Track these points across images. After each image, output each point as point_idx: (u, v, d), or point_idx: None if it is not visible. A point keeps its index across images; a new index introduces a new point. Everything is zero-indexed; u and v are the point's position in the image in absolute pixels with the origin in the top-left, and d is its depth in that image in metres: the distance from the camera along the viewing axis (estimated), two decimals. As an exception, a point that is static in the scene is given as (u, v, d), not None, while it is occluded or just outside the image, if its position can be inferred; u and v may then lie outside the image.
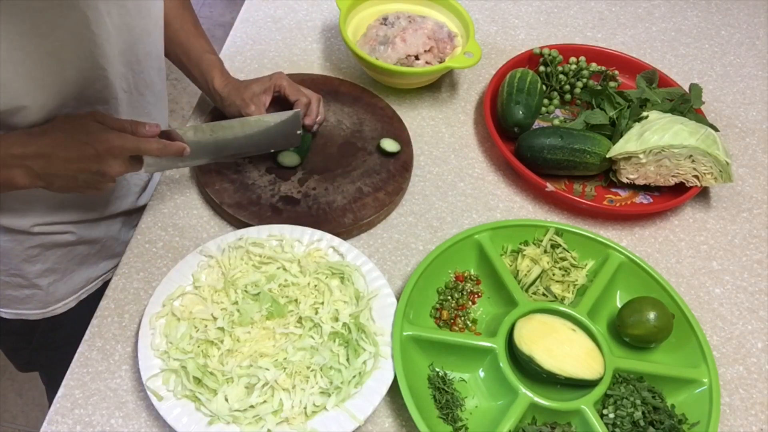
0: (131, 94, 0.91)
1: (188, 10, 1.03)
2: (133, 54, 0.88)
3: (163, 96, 1.01)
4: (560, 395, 0.83)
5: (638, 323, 0.87)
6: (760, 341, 0.95)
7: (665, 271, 1.01)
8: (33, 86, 0.74)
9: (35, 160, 0.75)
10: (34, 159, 0.75)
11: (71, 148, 0.76)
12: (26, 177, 0.76)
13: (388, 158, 1.07)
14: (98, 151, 0.76)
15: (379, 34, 1.19)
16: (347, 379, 0.80)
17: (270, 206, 0.99)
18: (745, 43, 1.42)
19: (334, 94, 1.15)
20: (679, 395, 0.85)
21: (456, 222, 1.04)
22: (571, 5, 1.45)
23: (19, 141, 0.75)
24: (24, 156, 0.75)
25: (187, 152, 0.86)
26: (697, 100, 1.16)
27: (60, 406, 0.81)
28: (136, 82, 0.91)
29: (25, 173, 0.76)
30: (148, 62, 0.92)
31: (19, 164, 0.75)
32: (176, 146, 0.84)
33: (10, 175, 0.76)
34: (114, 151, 0.78)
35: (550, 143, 1.05)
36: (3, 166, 0.75)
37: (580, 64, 1.21)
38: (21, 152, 0.75)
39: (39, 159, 0.75)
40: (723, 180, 1.05)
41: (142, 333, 0.82)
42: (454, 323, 0.91)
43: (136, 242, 0.96)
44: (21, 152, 0.75)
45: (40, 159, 0.75)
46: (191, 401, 0.78)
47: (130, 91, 0.91)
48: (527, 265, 0.94)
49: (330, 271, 0.89)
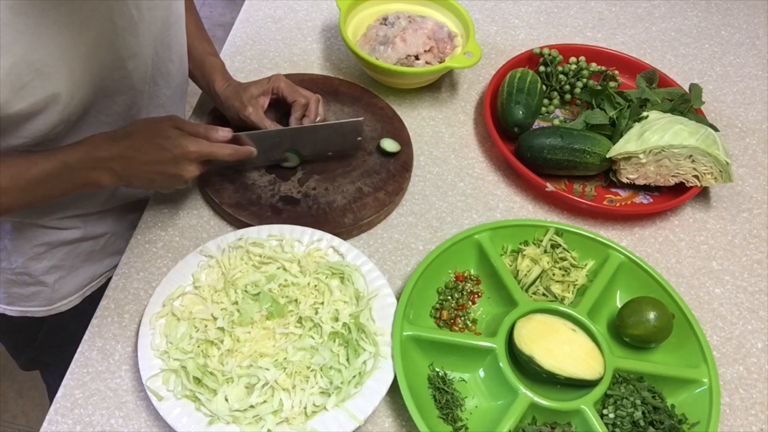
0: (149, 85, 0.93)
1: (191, 12, 1.04)
2: (155, 47, 0.90)
3: (182, 89, 1.03)
4: (560, 395, 0.83)
5: (638, 323, 0.87)
6: (760, 341, 0.95)
7: (665, 271, 1.01)
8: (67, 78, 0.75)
9: (118, 162, 0.81)
10: (117, 161, 0.81)
11: (151, 151, 0.82)
12: (110, 177, 0.82)
13: (388, 158, 1.07)
14: (175, 155, 0.82)
15: (379, 34, 1.19)
16: (347, 379, 0.80)
17: (270, 206, 0.99)
18: (745, 43, 1.42)
19: (334, 94, 1.15)
20: (679, 395, 0.85)
21: (456, 222, 1.04)
22: (571, 5, 1.45)
23: (103, 145, 0.81)
24: (109, 158, 0.81)
25: (254, 155, 0.93)
26: (697, 100, 1.16)
27: (60, 406, 0.81)
28: (154, 74, 0.93)
29: (109, 174, 0.82)
30: (167, 54, 0.93)
31: (104, 166, 0.81)
32: (245, 150, 0.91)
33: (96, 176, 0.81)
34: (190, 156, 0.83)
35: (550, 143, 1.05)
36: (90, 169, 0.81)
37: (580, 64, 1.21)
38: (106, 155, 0.80)
39: (121, 161, 0.81)
40: (723, 180, 1.05)
41: (142, 333, 0.82)
42: (454, 323, 0.91)
43: (136, 242, 0.96)
44: (106, 155, 0.80)
45: (122, 161, 0.81)
46: (191, 401, 0.78)
47: (148, 83, 0.92)
48: (527, 265, 0.94)
49: (330, 271, 0.89)
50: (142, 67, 0.89)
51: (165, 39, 0.91)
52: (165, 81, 0.96)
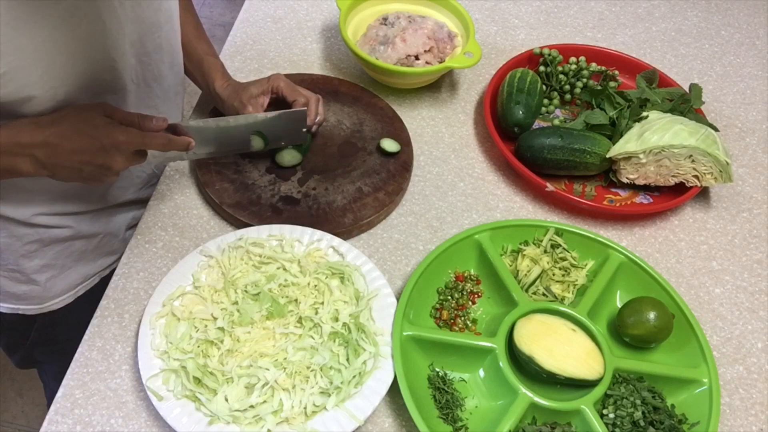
0: (139, 86, 0.92)
1: (190, 13, 1.04)
2: (143, 46, 0.89)
3: (176, 90, 1.02)
4: (560, 395, 0.83)
5: (638, 323, 0.87)
6: (760, 341, 0.95)
7: (665, 271, 1.01)
8: (44, 76, 0.75)
9: (41, 149, 0.76)
10: (40, 148, 0.76)
11: (77, 140, 0.76)
12: (31, 165, 0.77)
13: (388, 158, 1.07)
14: (104, 145, 0.77)
15: (379, 34, 1.19)
16: (347, 379, 0.80)
17: (270, 206, 0.99)
18: (745, 43, 1.42)
19: (334, 94, 1.15)
20: (679, 395, 0.85)
21: (456, 222, 1.04)
22: (571, 5, 1.45)
23: (27, 130, 0.76)
24: (31, 145, 0.76)
25: (192, 146, 0.87)
26: (697, 100, 1.16)
27: (60, 406, 0.81)
28: (144, 74, 0.92)
29: (30, 161, 0.77)
30: (158, 55, 0.93)
31: (25, 153, 0.76)
32: (181, 141, 0.85)
33: (15, 162, 0.76)
34: (119, 146, 0.78)
35: (550, 143, 1.05)
36: (9, 154, 0.76)
37: (580, 64, 1.21)
38: (28, 141, 0.75)
39: (45, 148, 0.76)
40: (723, 180, 1.05)
41: (142, 333, 0.82)
42: (454, 323, 0.91)
43: (136, 242, 0.96)
44: (28, 141, 0.75)
45: (46, 149, 0.76)
46: (191, 401, 0.78)
47: (138, 83, 0.92)
48: (527, 265, 0.94)
49: (330, 271, 0.89)
50: (131, 67, 0.88)
51: (155, 39, 0.91)
52: (157, 82, 0.95)
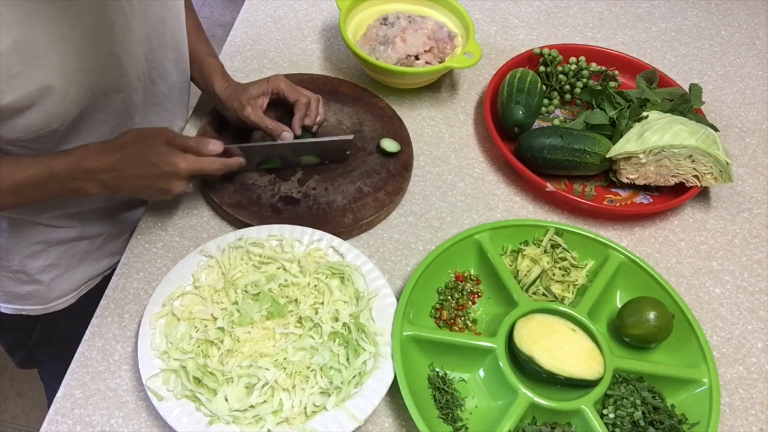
0: (145, 83, 0.93)
1: (190, 13, 1.04)
2: (150, 43, 0.90)
3: (181, 88, 1.03)
4: (560, 395, 0.83)
5: (638, 323, 0.87)
6: (760, 341, 0.95)
7: (665, 271, 1.01)
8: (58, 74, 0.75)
9: (107, 174, 0.81)
10: (107, 173, 0.81)
11: (141, 167, 0.82)
12: (97, 188, 0.82)
13: (388, 158, 1.07)
14: (165, 172, 0.83)
15: (379, 34, 1.19)
16: (347, 379, 0.80)
17: (270, 206, 0.99)
18: (745, 43, 1.42)
19: (334, 94, 1.15)
20: (679, 395, 0.85)
21: (456, 222, 1.04)
22: (571, 5, 1.45)
23: (95, 156, 0.81)
24: (98, 171, 0.81)
25: (243, 166, 0.94)
26: (697, 100, 1.16)
27: (60, 406, 0.81)
28: (150, 71, 0.93)
29: (96, 185, 0.82)
30: (163, 52, 0.93)
31: (93, 178, 0.81)
32: (234, 163, 0.92)
33: (83, 186, 0.82)
34: (179, 174, 0.84)
35: (550, 143, 1.05)
36: (78, 179, 0.81)
37: (580, 64, 1.21)
38: (96, 167, 0.81)
39: (111, 173, 0.81)
40: (723, 180, 1.05)
41: (142, 333, 0.82)
42: (454, 323, 0.91)
43: (136, 242, 0.96)
44: (96, 167, 0.81)
45: (111, 173, 0.82)
46: (191, 401, 0.78)
47: (145, 80, 0.92)
48: (527, 265, 0.94)
49: (330, 271, 0.89)
50: (137, 64, 0.89)
51: (161, 37, 0.91)
52: (162, 79, 0.96)
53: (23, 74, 0.72)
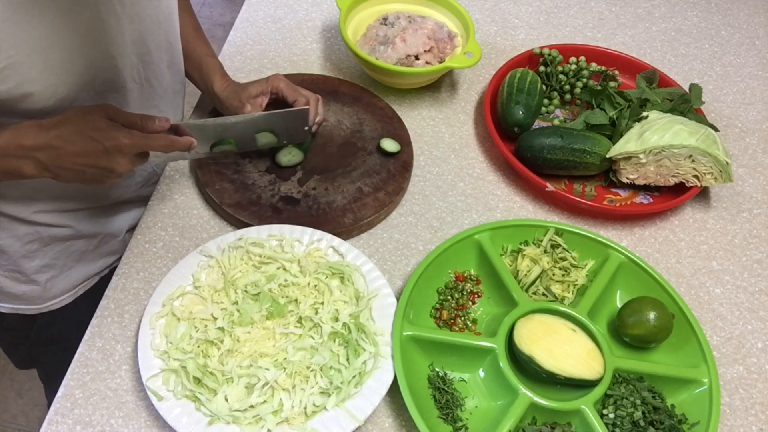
0: (141, 85, 0.93)
1: (188, 14, 1.04)
2: (144, 44, 0.89)
3: (175, 89, 1.02)
4: (560, 395, 0.83)
5: (638, 323, 0.87)
6: (760, 341, 0.95)
7: (665, 271, 1.01)
8: (43, 72, 0.75)
9: (44, 152, 0.76)
10: (43, 151, 0.76)
11: (80, 143, 0.76)
12: (34, 168, 0.77)
13: (388, 158, 1.07)
14: (107, 148, 0.77)
15: (379, 34, 1.19)
16: (347, 379, 0.80)
17: (270, 206, 0.99)
18: (745, 43, 1.42)
19: (334, 94, 1.15)
20: (679, 395, 0.85)
21: (456, 222, 1.04)
22: (571, 5, 1.45)
23: (30, 132, 0.76)
24: (33, 148, 0.76)
25: (194, 146, 0.87)
26: (697, 100, 1.16)
27: (60, 406, 0.81)
28: (146, 73, 0.92)
29: (33, 164, 0.77)
30: (158, 54, 0.93)
31: (28, 155, 0.76)
32: (183, 141, 0.85)
33: (18, 164, 0.77)
34: (122, 149, 0.78)
35: (550, 143, 1.05)
36: (11, 157, 0.76)
37: (580, 64, 1.21)
38: (31, 144, 0.76)
39: (48, 151, 0.76)
40: (723, 180, 1.05)
41: (142, 333, 0.82)
42: (454, 323, 0.91)
43: (136, 242, 0.96)
44: (31, 144, 0.76)
45: (48, 151, 0.76)
46: (191, 401, 0.78)
47: (140, 82, 0.92)
48: (527, 265, 0.94)
49: (330, 271, 0.89)
50: (132, 65, 0.88)
51: (155, 37, 0.91)
52: (158, 80, 0.96)
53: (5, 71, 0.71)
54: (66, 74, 0.78)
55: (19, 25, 0.70)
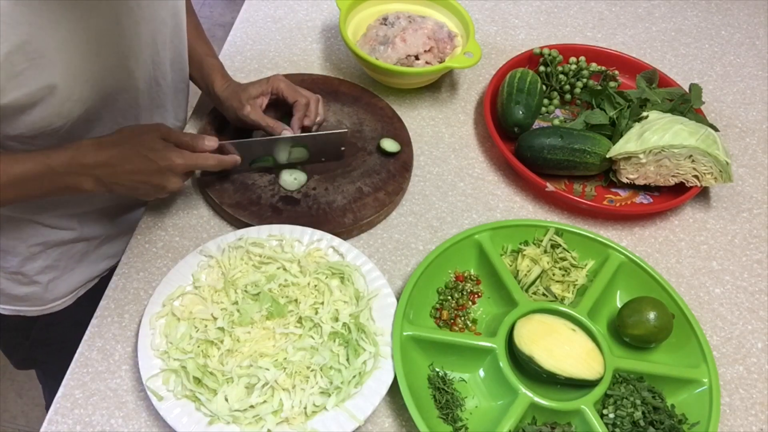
0: (150, 85, 0.93)
1: (190, 14, 1.04)
2: (155, 45, 0.90)
3: (179, 87, 1.03)
4: (560, 395, 0.83)
5: (638, 323, 0.87)
6: (760, 341, 0.95)
7: (665, 271, 1.01)
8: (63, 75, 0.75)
9: (103, 169, 0.81)
10: (102, 168, 0.81)
11: (137, 162, 0.82)
12: (93, 183, 0.82)
13: (388, 158, 1.07)
14: (161, 167, 0.83)
15: (379, 34, 1.19)
16: (347, 379, 0.80)
17: (270, 206, 0.99)
18: (745, 43, 1.42)
19: (334, 94, 1.15)
20: (679, 395, 0.85)
21: (456, 222, 1.04)
22: (571, 5, 1.45)
23: (90, 151, 0.80)
24: (94, 165, 0.80)
25: (238, 163, 0.94)
26: (697, 100, 1.16)
27: (60, 406, 0.81)
28: (155, 73, 0.93)
29: (92, 180, 0.81)
30: (164, 53, 0.93)
31: (89, 173, 0.81)
32: (229, 160, 0.92)
33: (78, 181, 0.81)
34: (175, 169, 0.84)
35: (550, 143, 1.05)
36: (75, 174, 0.80)
37: (580, 64, 1.21)
38: (92, 162, 0.80)
39: (106, 168, 0.81)
40: (723, 180, 1.05)
41: (142, 333, 0.82)
42: (454, 323, 0.91)
43: (136, 242, 0.96)
44: (92, 162, 0.80)
45: (107, 168, 0.81)
46: (191, 401, 0.78)
47: (150, 82, 0.93)
48: (527, 265, 0.94)
49: (330, 271, 0.89)
50: (144, 66, 0.89)
51: (163, 37, 0.91)
52: (164, 80, 0.96)
53: (26, 73, 0.72)
54: (83, 75, 0.78)
55: (43, 29, 0.71)
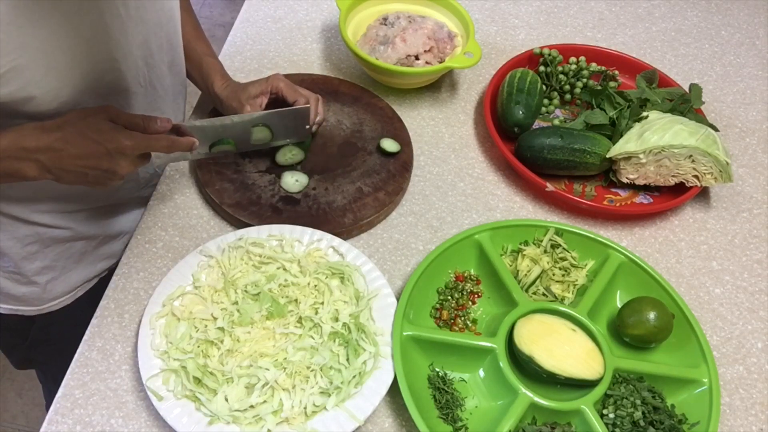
0: (146, 88, 0.93)
1: (189, 14, 1.04)
2: (147, 47, 0.89)
3: (176, 90, 1.02)
4: (560, 395, 0.83)
5: (638, 323, 0.87)
6: (760, 341, 0.95)
7: (665, 271, 1.01)
8: (46, 75, 0.75)
9: (46, 154, 0.76)
10: (45, 153, 0.76)
11: (82, 145, 0.76)
12: (36, 170, 0.77)
13: (388, 158, 1.07)
14: (108, 150, 0.77)
15: (379, 34, 1.19)
16: (347, 379, 0.80)
17: (270, 206, 0.99)
18: (745, 43, 1.42)
19: (334, 94, 1.15)
20: (679, 395, 0.85)
21: (456, 222, 1.04)
22: (571, 5, 1.45)
23: (32, 134, 0.76)
24: (36, 149, 0.76)
25: (196, 146, 0.87)
26: (697, 100, 1.16)
27: (60, 406, 0.81)
28: (149, 76, 0.92)
29: (36, 166, 0.77)
30: (160, 56, 0.93)
31: (30, 157, 0.76)
32: (185, 141, 0.85)
33: (20, 167, 0.77)
34: (124, 151, 0.78)
35: (550, 143, 1.05)
36: (15, 159, 0.76)
37: (580, 64, 1.21)
38: (34, 146, 0.76)
39: (50, 153, 0.76)
40: (723, 180, 1.05)
41: (142, 333, 0.82)
42: (454, 323, 0.91)
43: (136, 242, 0.96)
44: (34, 146, 0.76)
45: (50, 153, 0.76)
46: (191, 401, 0.78)
47: (144, 85, 0.92)
48: (527, 265, 0.94)
49: (330, 271, 0.89)
50: (136, 69, 0.88)
51: (158, 40, 0.91)
52: (160, 83, 0.96)
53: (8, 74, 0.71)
54: (69, 77, 0.78)
55: (24, 28, 0.70)
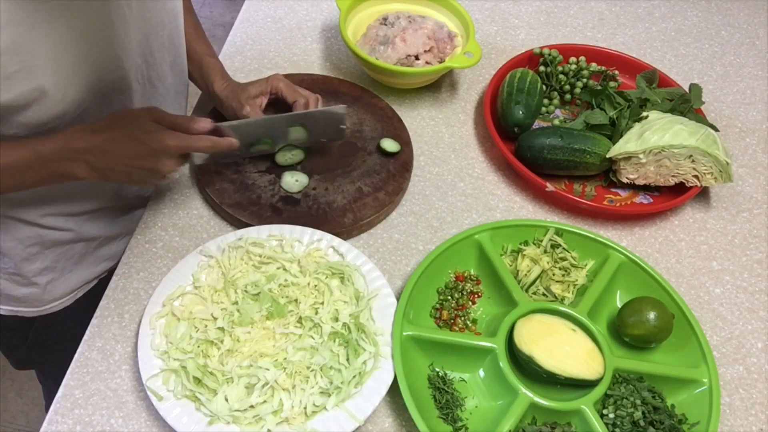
0: (144, 86, 0.93)
1: (189, 13, 1.04)
2: (147, 45, 0.89)
3: (178, 89, 1.02)
4: (560, 395, 0.83)
5: (638, 323, 0.87)
6: (760, 341, 0.95)
7: (665, 271, 1.01)
8: (55, 75, 0.75)
9: (95, 154, 0.80)
10: (94, 153, 0.80)
11: (129, 145, 0.80)
12: (85, 170, 0.81)
13: (388, 158, 1.07)
14: (153, 149, 0.81)
15: (379, 34, 1.19)
16: (347, 379, 0.80)
17: (270, 206, 0.99)
18: (745, 43, 1.42)
19: (334, 94, 1.15)
20: (679, 395, 0.85)
21: (456, 222, 1.04)
22: (571, 5, 1.45)
23: (82, 136, 0.79)
24: (86, 150, 0.79)
25: (235, 146, 0.90)
26: (697, 100, 1.16)
27: (60, 406, 0.81)
28: (149, 74, 0.93)
29: (85, 166, 0.80)
30: (161, 54, 0.93)
31: (81, 158, 0.80)
32: (224, 142, 0.88)
33: (71, 167, 0.80)
34: (168, 150, 0.82)
35: (550, 143, 1.05)
36: (66, 160, 0.79)
37: (580, 64, 1.21)
38: (83, 147, 0.79)
39: (98, 154, 0.80)
40: (723, 180, 1.05)
41: (142, 333, 0.82)
42: (454, 323, 0.91)
43: (136, 242, 0.96)
44: (83, 147, 0.79)
45: (99, 154, 0.80)
46: (191, 401, 0.78)
47: (143, 83, 0.92)
48: (527, 265, 0.94)
49: (330, 271, 0.89)
50: (136, 66, 0.88)
51: (159, 40, 0.91)
52: (161, 81, 0.96)
53: (19, 74, 0.71)
54: (74, 77, 0.78)
55: (36, 29, 0.71)
